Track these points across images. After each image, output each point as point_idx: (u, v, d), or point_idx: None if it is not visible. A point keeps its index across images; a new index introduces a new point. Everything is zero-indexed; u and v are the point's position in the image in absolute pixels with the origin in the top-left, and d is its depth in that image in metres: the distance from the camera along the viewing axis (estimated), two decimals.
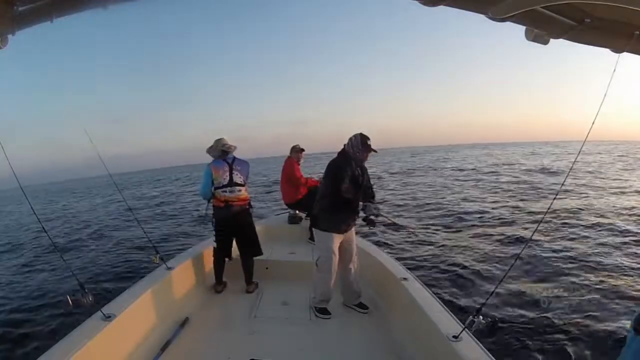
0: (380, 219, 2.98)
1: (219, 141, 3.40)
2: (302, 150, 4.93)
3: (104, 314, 2.15)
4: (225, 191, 3.29)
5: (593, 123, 1.63)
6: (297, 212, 5.12)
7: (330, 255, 2.92)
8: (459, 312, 3.50)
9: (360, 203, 2.92)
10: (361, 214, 2.93)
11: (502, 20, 0.94)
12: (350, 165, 2.90)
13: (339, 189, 2.81)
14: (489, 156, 37.70)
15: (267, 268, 3.70)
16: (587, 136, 1.68)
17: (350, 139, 2.93)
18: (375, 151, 2.92)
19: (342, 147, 2.98)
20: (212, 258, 3.48)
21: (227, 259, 3.47)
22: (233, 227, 3.38)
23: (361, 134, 2.91)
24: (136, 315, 2.41)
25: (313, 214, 3.08)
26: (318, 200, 3.04)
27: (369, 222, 2.96)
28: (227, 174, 3.31)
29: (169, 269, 3.04)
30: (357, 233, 3.24)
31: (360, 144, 2.88)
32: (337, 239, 2.95)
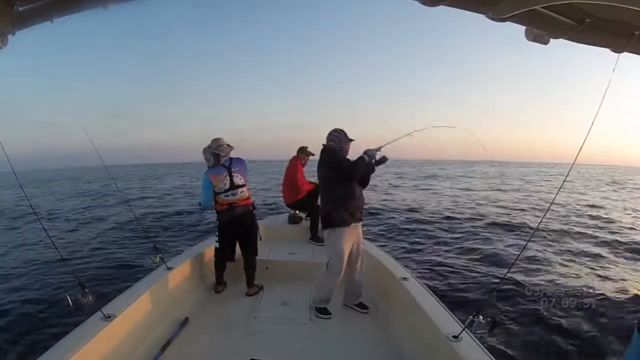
0: (382, 152, 3.00)
1: (215, 141, 3.33)
2: (312, 154, 4.83)
3: (104, 314, 2.15)
4: (228, 195, 3.27)
5: (592, 125, 1.62)
6: (297, 212, 5.12)
7: (342, 256, 2.91)
8: (459, 312, 3.50)
9: (363, 155, 2.95)
10: (370, 158, 2.93)
11: (502, 20, 0.94)
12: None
13: (342, 166, 2.88)
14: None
15: (267, 268, 3.70)
16: (585, 139, 1.67)
17: (336, 135, 3.02)
18: (353, 140, 3.09)
19: (323, 146, 3.05)
20: (212, 258, 3.48)
21: (228, 261, 3.46)
22: (236, 228, 3.35)
23: (341, 130, 3.05)
24: (136, 315, 2.41)
25: (325, 214, 3.00)
26: (326, 198, 3.01)
27: (381, 161, 2.99)
28: (227, 178, 3.27)
29: (169, 269, 3.04)
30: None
31: (346, 138, 3.03)
32: (349, 237, 2.93)
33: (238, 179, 3.32)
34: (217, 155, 3.30)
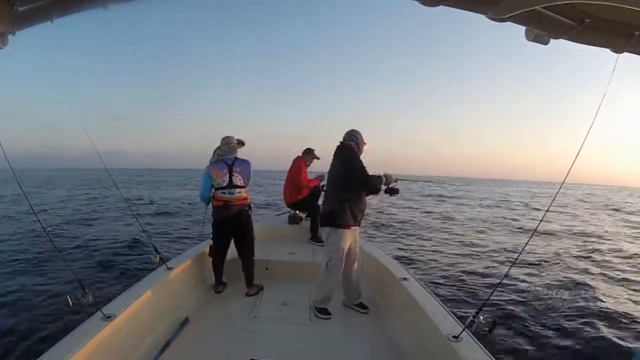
0: (398, 185, 3.06)
1: (225, 139, 3.37)
2: (317, 157, 4.84)
3: (104, 314, 2.14)
4: (225, 192, 3.28)
5: (589, 129, 1.60)
6: (297, 212, 5.12)
7: (342, 256, 2.93)
8: (459, 312, 3.51)
9: (382, 176, 3.01)
10: (383, 187, 3.00)
11: (502, 20, 0.94)
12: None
13: (363, 175, 2.91)
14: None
15: (267, 268, 3.70)
16: (582, 144, 1.66)
17: (355, 136, 3.06)
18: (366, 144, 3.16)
19: (341, 144, 3.05)
20: (211, 258, 3.48)
21: (225, 260, 3.46)
22: (231, 227, 3.36)
23: (358, 131, 3.09)
24: (136, 315, 2.40)
25: (329, 211, 2.99)
26: (334, 195, 3.00)
27: (393, 191, 3.05)
28: (227, 175, 3.28)
29: (169, 269, 3.04)
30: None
31: (362, 140, 3.08)
32: (349, 238, 2.96)
33: (237, 179, 3.31)
34: (226, 152, 3.37)
